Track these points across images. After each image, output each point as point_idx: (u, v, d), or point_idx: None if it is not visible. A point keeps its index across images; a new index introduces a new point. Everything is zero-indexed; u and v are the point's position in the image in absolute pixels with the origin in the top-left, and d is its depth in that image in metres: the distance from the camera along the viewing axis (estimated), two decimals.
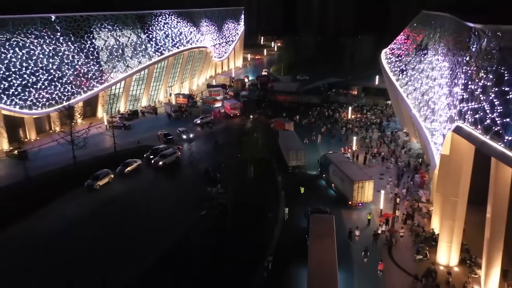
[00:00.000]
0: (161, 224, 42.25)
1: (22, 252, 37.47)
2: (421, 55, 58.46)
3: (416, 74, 58.05)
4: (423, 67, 56.06)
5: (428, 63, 54.33)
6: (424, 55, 57.41)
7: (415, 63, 60.12)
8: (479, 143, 28.86)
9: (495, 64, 27.42)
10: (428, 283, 32.68)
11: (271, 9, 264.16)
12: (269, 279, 33.23)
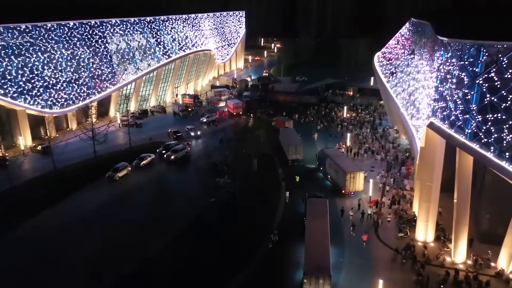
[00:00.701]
0: (177, 208, 48.03)
1: (59, 231, 43.28)
2: (408, 59, 64.39)
3: (404, 76, 63.96)
4: (410, 70, 61.98)
5: (414, 67, 60.25)
6: (411, 59, 63.33)
7: (403, 67, 66.04)
8: (447, 136, 34.87)
9: (458, 71, 33.41)
10: (406, 255, 38.68)
11: (271, 11, 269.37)
12: (274, 249, 39.15)
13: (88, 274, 34.84)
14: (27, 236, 42.71)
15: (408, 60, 64.51)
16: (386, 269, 36.87)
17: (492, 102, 31.44)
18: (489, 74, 31.37)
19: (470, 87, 32.57)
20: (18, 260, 38.31)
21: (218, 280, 34.38)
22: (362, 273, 36.63)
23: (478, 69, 32.15)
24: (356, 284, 35.49)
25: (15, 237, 42.55)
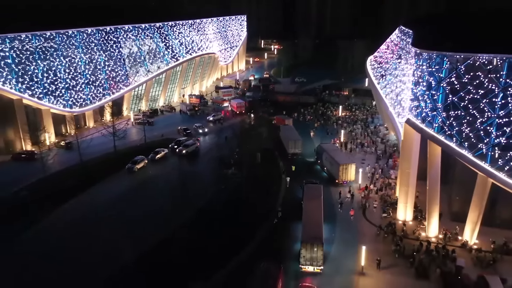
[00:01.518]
0: (191, 194, 54.94)
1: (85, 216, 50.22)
2: (396, 63, 71.42)
3: (392, 78, 70.95)
4: (397, 73, 68.99)
5: (400, 70, 67.23)
6: (398, 63, 70.37)
7: (392, 70, 73.03)
8: (420, 130, 42.06)
9: (427, 76, 40.60)
10: (388, 231, 45.83)
11: (271, 13, 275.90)
12: (278, 224, 46.59)
13: (117, 249, 41.88)
14: (63, 218, 49.88)
15: (396, 64, 71.45)
16: (371, 241, 43.88)
17: (454, 101, 38.62)
18: (451, 78, 38.56)
19: (437, 89, 39.75)
20: (57, 237, 45.51)
21: (233, 248, 41.56)
22: (350, 245, 43.73)
23: (442, 75, 39.35)
24: (344, 252, 42.63)
25: (52, 220, 49.62)
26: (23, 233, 45.98)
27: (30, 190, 56.03)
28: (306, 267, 39.22)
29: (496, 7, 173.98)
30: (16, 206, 50.50)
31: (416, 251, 42.02)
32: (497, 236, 43.71)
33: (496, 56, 36.04)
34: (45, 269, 39.71)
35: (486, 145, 37.74)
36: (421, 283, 38.11)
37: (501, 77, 36.17)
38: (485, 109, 37.23)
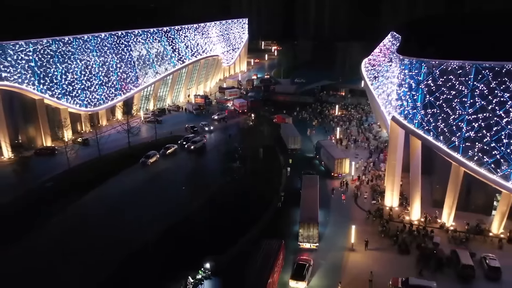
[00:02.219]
0: (201, 184, 61.06)
1: (109, 202, 56.46)
2: (388, 66, 77.56)
3: (384, 80, 77.08)
4: (388, 75, 75.15)
5: (391, 72, 73.43)
6: (389, 66, 76.52)
7: (384, 72, 79.18)
8: (402, 125, 48.24)
9: (408, 78, 46.81)
10: (376, 215, 52.00)
11: (272, 15, 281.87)
12: (280, 209, 53.46)
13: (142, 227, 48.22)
14: (90, 204, 56.23)
15: (387, 67, 77.58)
16: (361, 224, 49.94)
17: (430, 101, 44.82)
18: (428, 81, 44.76)
19: (416, 90, 45.92)
20: (90, 216, 51.90)
21: (242, 228, 47.93)
22: (342, 226, 49.80)
23: (421, 78, 45.56)
24: (337, 233, 48.79)
25: (79, 205, 55.92)
26: (60, 213, 52.58)
27: (56, 181, 62.44)
28: (304, 244, 45.45)
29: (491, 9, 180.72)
30: (45, 194, 56.91)
31: (399, 232, 48.20)
32: (471, 219, 49.89)
33: (465, 62, 42.27)
34: (83, 240, 46.42)
35: (458, 138, 43.97)
36: (402, 258, 44.27)
37: (469, 80, 42.40)
38: (456, 108, 43.46)
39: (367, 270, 41.13)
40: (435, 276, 40.73)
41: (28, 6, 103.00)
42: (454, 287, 39.84)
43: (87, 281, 40.05)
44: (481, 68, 41.69)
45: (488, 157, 43.26)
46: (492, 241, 47.18)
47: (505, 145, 42.31)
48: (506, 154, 42.44)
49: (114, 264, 42.37)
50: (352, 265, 43.43)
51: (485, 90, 41.97)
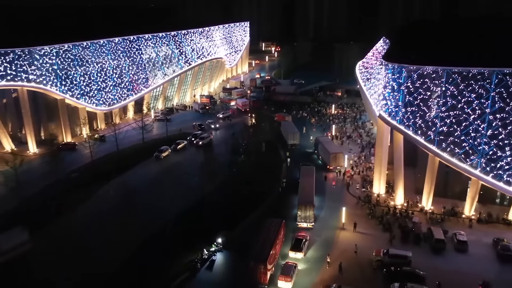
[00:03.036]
0: (210, 175, 68.31)
1: (129, 190, 63.78)
2: (379, 68, 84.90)
3: (376, 81, 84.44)
4: (379, 77, 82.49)
5: (382, 75, 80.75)
6: (380, 69, 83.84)
7: (375, 74, 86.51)
8: (387, 122, 55.61)
9: (391, 81, 54.22)
10: (365, 200, 59.38)
11: (272, 17, 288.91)
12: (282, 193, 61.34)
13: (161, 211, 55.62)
14: (111, 192, 63.55)
15: (379, 69, 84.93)
16: (351, 208, 57.29)
17: (410, 100, 52.21)
18: (407, 83, 52.15)
19: (398, 91, 53.32)
20: (111, 202, 59.23)
21: (251, 206, 55.54)
22: (335, 210, 57.07)
23: (402, 81, 52.95)
24: (331, 215, 56.14)
25: (102, 193, 63.34)
26: (87, 199, 60.01)
27: (80, 172, 69.88)
28: (301, 223, 52.83)
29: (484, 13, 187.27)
30: (72, 183, 64.40)
31: (384, 214, 55.59)
32: (448, 204, 57.26)
33: (438, 67, 49.65)
34: (109, 222, 53.70)
35: (433, 132, 51.39)
36: (385, 235, 51.55)
37: (442, 83, 49.78)
38: (431, 106, 50.87)
39: (355, 245, 48.57)
40: (414, 248, 48.09)
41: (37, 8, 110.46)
42: (428, 257, 47.17)
43: (116, 255, 47.04)
44: (451, 72, 49.11)
45: (459, 149, 50.68)
46: (464, 221, 54.58)
47: (472, 138, 49.74)
48: (473, 146, 49.86)
49: (139, 241, 49.63)
50: (342, 241, 50.81)
51: (455, 91, 49.38)
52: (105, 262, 45.50)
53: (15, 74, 75.15)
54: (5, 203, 57.52)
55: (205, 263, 46.44)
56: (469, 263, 46.20)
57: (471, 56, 50.49)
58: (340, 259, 46.30)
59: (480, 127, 49.40)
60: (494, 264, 46.04)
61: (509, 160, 49.28)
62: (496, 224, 53.81)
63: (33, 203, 58.34)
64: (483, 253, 47.93)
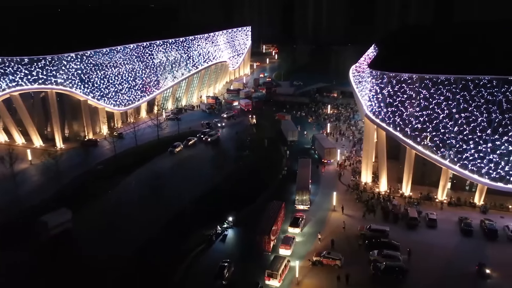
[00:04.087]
0: (218, 167, 78.00)
1: (148, 180, 73.26)
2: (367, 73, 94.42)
3: (366, 84, 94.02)
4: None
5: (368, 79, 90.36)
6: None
7: (365, 78, 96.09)
8: (372, 120, 65.33)
9: (375, 86, 63.96)
10: (353, 187, 69.10)
11: (272, 20, 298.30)
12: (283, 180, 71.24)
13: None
14: (133, 181, 73.21)
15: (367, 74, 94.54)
16: (341, 194, 66.97)
17: (390, 102, 61.92)
18: (388, 88, 61.86)
19: (381, 94, 63.02)
20: (133, 190, 68.86)
21: (256, 192, 65.23)
22: (328, 196, 66.65)
23: (383, 85, 62.67)
24: (324, 200, 65.81)
25: (125, 182, 72.93)
26: (112, 188, 69.59)
27: (104, 164, 79.55)
28: (299, 206, 62.52)
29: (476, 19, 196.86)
30: (98, 174, 74.07)
31: (369, 199, 65.28)
32: (424, 190, 66.91)
33: (412, 75, 59.39)
34: (134, 207, 63.24)
35: (410, 129, 61.10)
36: (370, 215, 61.21)
37: (416, 87, 59.52)
38: (408, 107, 60.58)
39: (343, 222, 58.31)
40: (392, 225, 57.71)
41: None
42: (403, 231, 56.88)
43: (145, 232, 56.42)
44: (424, 79, 58.81)
45: (431, 142, 60.38)
46: (437, 204, 64.31)
47: (442, 134, 59.46)
48: (443, 140, 59.62)
49: (163, 221, 59.16)
50: (333, 220, 60.50)
51: (427, 94, 59.10)
52: (135, 237, 54.99)
53: (45, 78, 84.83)
54: (48, 189, 67.30)
55: (219, 237, 56.12)
56: (437, 236, 55.92)
57: (444, 64, 60.25)
58: (331, 234, 55.92)
59: (448, 124, 59.16)
60: (457, 237, 55.78)
61: (472, 152, 59.05)
62: (464, 207, 63.61)
63: (69, 189, 68.06)
64: (450, 228, 57.66)
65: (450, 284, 46.46)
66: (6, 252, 51.56)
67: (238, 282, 45.88)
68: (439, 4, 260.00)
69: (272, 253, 51.73)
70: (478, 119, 57.93)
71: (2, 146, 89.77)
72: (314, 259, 49.81)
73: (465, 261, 50.27)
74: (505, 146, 57.63)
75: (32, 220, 55.67)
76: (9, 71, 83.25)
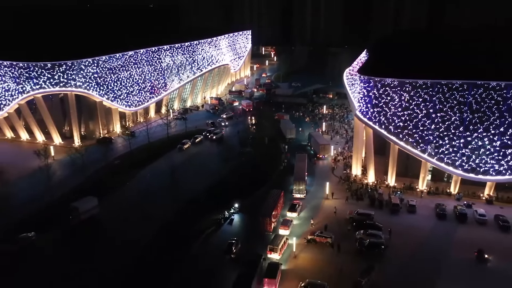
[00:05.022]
0: (221, 163, 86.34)
1: (161, 173, 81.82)
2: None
3: (357, 87, 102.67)
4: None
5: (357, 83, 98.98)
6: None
7: (356, 81, 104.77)
8: (360, 119, 74.07)
9: (362, 89, 72.67)
10: (345, 179, 77.78)
11: (271, 22, 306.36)
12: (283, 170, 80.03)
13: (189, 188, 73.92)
14: (147, 174, 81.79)
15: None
16: (334, 185, 75.60)
17: (375, 103, 70.58)
18: (373, 90, 70.52)
19: (367, 96, 71.68)
20: (149, 182, 77.43)
21: (258, 183, 73.99)
22: (321, 186, 75.21)
23: (369, 89, 71.33)
24: (318, 190, 74.37)
25: (141, 175, 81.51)
26: (130, 180, 78.10)
27: (121, 159, 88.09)
28: (296, 194, 71.10)
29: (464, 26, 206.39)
30: (116, 168, 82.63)
31: (358, 189, 73.94)
32: (407, 181, 75.60)
33: (394, 79, 68.07)
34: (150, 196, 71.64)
35: (393, 127, 69.75)
36: (358, 203, 69.81)
37: (398, 91, 68.18)
38: (391, 107, 69.24)
39: (334, 207, 67.01)
40: (377, 211, 66.26)
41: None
42: (387, 216, 65.49)
43: (162, 217, 64.82)
44: (404, 83, 67.50)
45: (411, 138, 69.08)
46: (418, 193, 73.01)
47: (421, 131, 68.13)
48: (421, 137, 68.29)
49: (178, 207, 67.62)
50: (326, 207, 69.11)
51: (407, 97, 67.76)
52: (154, 220, 63.48)
53: (66, 82, 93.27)
54: (74, 180, 76.01)
55: (227, 221, 64.67)
56: (415, 219, 64.65)
57: (425, 69, 69.05)
58: (325, 219, 64.47)
59: (426, 122, 67.84)
60: (432, 221, 64.49)
61: (447, 147, 67.75)
62: (441, 195, 72.32)
63: (91, 181, 76.61)
64: (427, 213, 66.36)
65: (422, 258, 55.00)
66: (44, 234, 59.98)
67: (244, 256, 54.30)
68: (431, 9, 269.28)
69: (273, 233, 60.25)
70: (452, 118, 66.65)
71: (24, 144, 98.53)
72: (309, 237, 58.39)
73: (438, 240, 58.95)
74: (476, 142, 66.36)
75: (64, 206, 64.15)
76: (33, 75, 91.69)
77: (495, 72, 65.96)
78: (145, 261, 53.96)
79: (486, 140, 65.81)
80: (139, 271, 52.15)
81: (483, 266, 53.46)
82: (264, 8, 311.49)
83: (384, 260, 54.16)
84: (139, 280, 50.56)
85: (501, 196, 70.31)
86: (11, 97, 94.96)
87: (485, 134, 65.67)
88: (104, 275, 51.30)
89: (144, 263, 53.54)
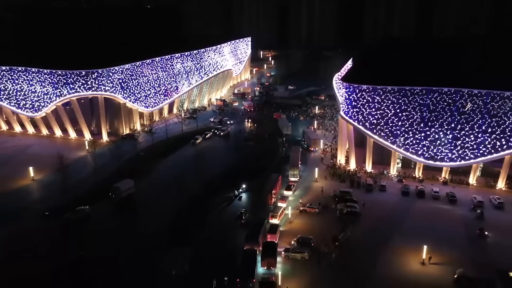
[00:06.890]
0: (229, 154, 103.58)
1: (179, 163, 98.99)
2: None
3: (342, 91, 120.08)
4: None
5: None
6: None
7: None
8: (344, 118, 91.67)
9: (346, 93, 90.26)
10: (331, 166, 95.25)
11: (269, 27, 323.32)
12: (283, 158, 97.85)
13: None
14: (168, 164, 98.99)
15: None
16: (322, 171, 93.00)
17: (356, 105, 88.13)
18: (353, 95, 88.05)
19: (348, 99, 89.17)
20: (170, 171, 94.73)
21: (260, 170, 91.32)
22: (312, 172, 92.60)
23: (350, 93, 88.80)
24: (309, 174, 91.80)
25: (162, 164, 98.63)
26: (155, 168, 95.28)
27: (145, 152, 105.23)
28: (291, 178, 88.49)
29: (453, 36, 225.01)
30: (141, 159, 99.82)
31: (342, 174, 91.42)
32: (382, 168, 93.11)
33: (369, 86, 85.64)
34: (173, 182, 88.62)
35: (369, 124, 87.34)
36: (341, 184, 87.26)
37: (373, 95, 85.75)
38: (367, 108, 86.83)
39: (321, 187, 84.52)
40: (356, 190, 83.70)
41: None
42: (363, 193, 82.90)
43: (186, 195, 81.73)
44: (377, 89, 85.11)
45: (384, 133, 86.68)
46: (389, 177, 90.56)
47: (390, 127, 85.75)
48: (391, 131, 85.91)
49: (197, 187, 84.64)
50: (315, 187, 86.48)
51: (379, 99, 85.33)
52: (180, 198, 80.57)
53: (97, 86, 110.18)
54: (110, 168, 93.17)
55: (237, 197, 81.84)
56: (384, 196, 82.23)
57: (397, 76, 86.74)
58: (314, 197, 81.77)
59: (395, 120, 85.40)
60: (398, 197, 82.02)
61: (412, 140, 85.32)
62: (408, 179, 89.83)
63: (124, 167, 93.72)
64: (394, 192, 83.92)
65: (385, 223, 72.35)
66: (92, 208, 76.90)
67: (251, 221, 71.50)
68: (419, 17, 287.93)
69: (274, 205, 77.57)
70: (415, 117, 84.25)
71: (59, 139, 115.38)
72: (301, 208, 75.80)
73: (401, 211, 76.41)
74: (433, 135, 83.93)
75: (107, 186, 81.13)
76: (70, 81, 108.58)
77: (450, 79, 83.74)
78: (176, 225, 71.20)
79: (441, 133, 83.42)
80: (174, 231, 69.28)
81: (435, 228, 70.65)
82: (262, 13, 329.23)
83: (357, 224, 71.58)
84: (175, 236, 67.50)
85: (454, 179, 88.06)
86: (49, 100, 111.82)
87: (440, 129, 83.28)
88: (148, 233, 68.45)
89: (176, 226, 70.76)
